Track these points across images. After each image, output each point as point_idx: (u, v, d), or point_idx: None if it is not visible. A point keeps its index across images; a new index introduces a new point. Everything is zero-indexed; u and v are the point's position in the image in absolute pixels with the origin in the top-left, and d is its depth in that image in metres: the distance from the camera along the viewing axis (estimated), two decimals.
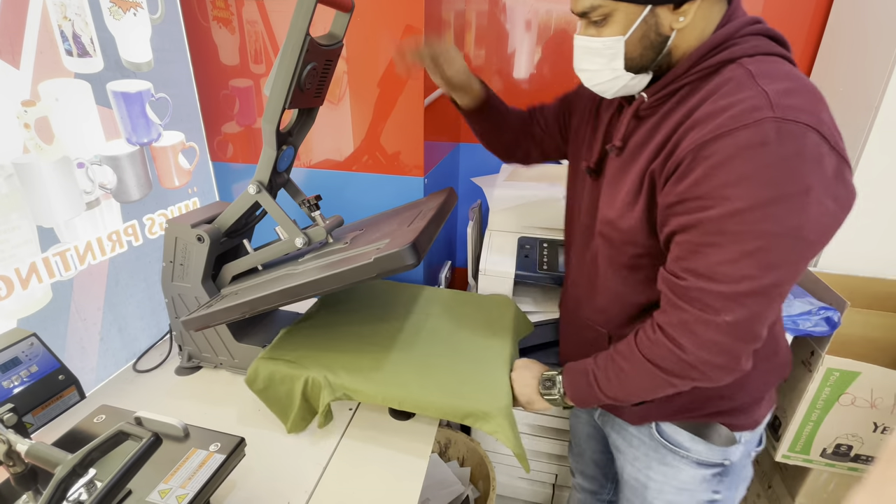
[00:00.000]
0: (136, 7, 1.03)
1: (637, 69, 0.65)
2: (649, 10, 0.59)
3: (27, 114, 0.83)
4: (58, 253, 0.91)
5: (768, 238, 0.54)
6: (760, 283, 0.55)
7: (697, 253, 0.58)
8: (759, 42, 0.60)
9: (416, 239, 0.72)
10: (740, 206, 0.54)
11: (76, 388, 0.76)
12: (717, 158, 0.55)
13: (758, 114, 0.53)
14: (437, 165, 1.48)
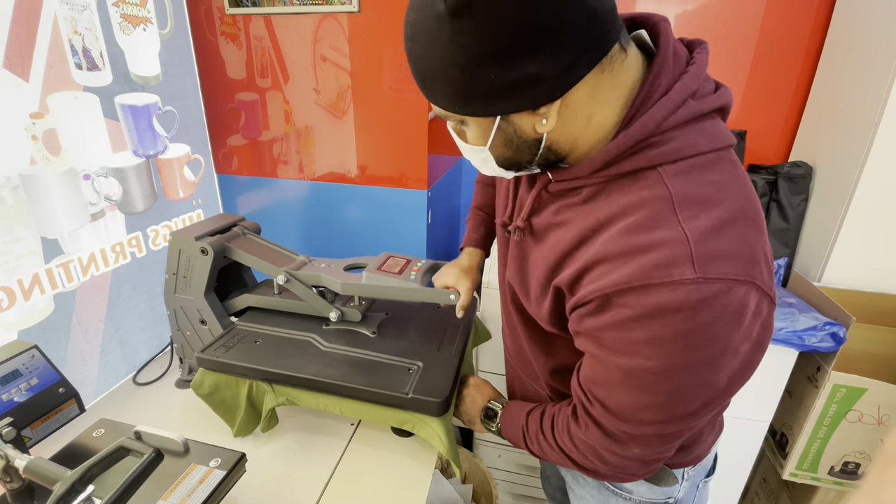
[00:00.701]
0: (145, 22, 1.04)
1: (517, 167, 0.57)
2: (501, 119, 0.50)
3: (35, 126, 0.84)
4: (61, 264, 0.91)
5: (678, 392, 0.51)
6: (669, 427, 0.54)
7: (606, 386, 0.55)
8: (684, 140, 0.48)
9: (448, 395, 0.77)
10: (650, 365, 0.49)
11: (76, 401, 0.75)
12: (628, 314, 0.49)
13: (676, 272, 0.45)
14: (441, 179, 1.49)
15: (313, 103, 1.28)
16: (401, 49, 1.17)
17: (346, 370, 0.83)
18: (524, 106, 0.48)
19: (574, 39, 0.44)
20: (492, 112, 0.49)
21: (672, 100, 0.48)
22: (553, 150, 0.53)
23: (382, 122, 1.26)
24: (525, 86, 0.46)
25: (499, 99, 0.47)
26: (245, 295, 0.99)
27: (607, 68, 0.48)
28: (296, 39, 1.22)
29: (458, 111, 0.50)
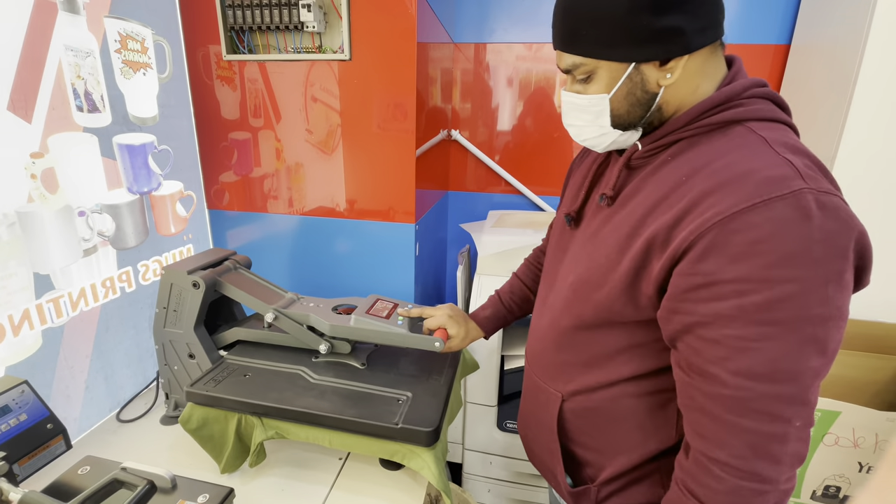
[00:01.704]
0: (146, 67, 1.10)
1: (625, 126, 0.61)
2: (633, 68, 0.56)
3: (35, 165, 0.87)
4: (52, 300, 0.91)
5: (825, 322, 0.47)
6: (820, 372, 0.49)
7: (747, 350, 0.49)
8: (764, 106, 0.57)
9: (439, 423, 0.78)
10: (791, 289, 0.46)
11: (63, 437, 0.75)
12: (755, 234, 0.47)
13: (792, 183, 0.47)
14: (428, 212, 1.54)
15: (304, 141, 1.33)
16: (390, 91, 1.25)
17: (336, 402, 0.84)
18: (659, 55, 0.55)
19: (710, 9, 0.55)
20: (632, 57, 0.56)
21: (753, 79, 0.58)
22: (661, 110, 0.60)
23: (371, 159, 1.31)
24: (667, 36, 0.54)
25: (642, 44, 0.55)
26: (235, 328, 1.01)
27: (715, 51, 0.58)
28: (288, 82, 1.29)
29: (599, 55, 0.57)
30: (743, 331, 0.49)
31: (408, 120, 1.25)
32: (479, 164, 1.94)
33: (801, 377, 0.48)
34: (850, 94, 1.23)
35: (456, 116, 1.92)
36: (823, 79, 1.37)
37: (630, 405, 0.67)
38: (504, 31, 1.78)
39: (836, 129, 1.27)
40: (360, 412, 0.81)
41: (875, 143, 1.24)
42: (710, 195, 0.51)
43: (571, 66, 0.60)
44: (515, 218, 1.68)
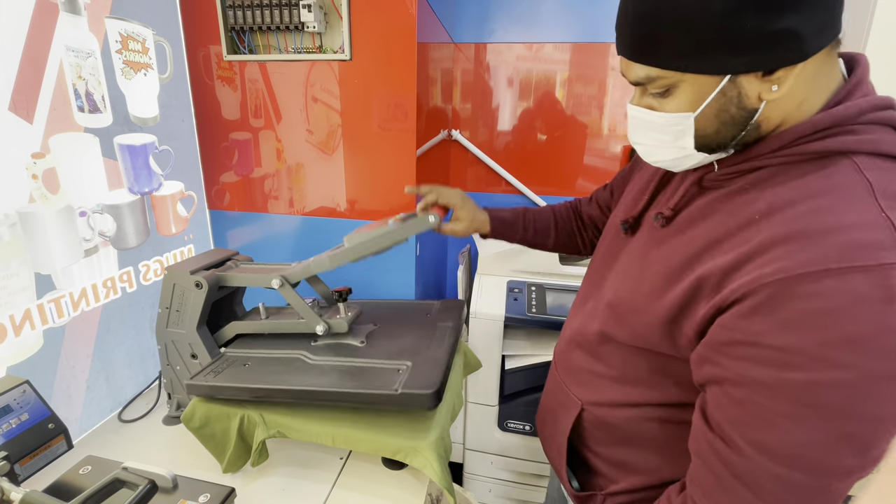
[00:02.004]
0: (147, 68, 1.10)
1: (712, 147, 0.50)
2: (728, 81, 0.45)
3: (36, 165, 0.87)
4: (52, 300, 0.92)
5: (875, 422, 0.40)
6: (851, 474, 0.42)
7: (771, 424, 0.43)
8: (885, 136, 0.45)
9: (440, 385, 0.76)
10: (845, 377, 0.39)
11: (65, 437, 0.75)
12: (818, 304, 0.40)
13: (883, 254, 0.39)
14: None
15: (304, 141, 1.33)
16: (388, 91, 1.25)
17: (334, 378, 0.82)
18: (765, 65, 0.44)
19: (826, 7, 0.43)
20: (728, 69, 0.44)
21: (875, 99, 0.46)
22: (760, 129, 0.49)
23: (372, 159, 1.31)
24: (776, 41, 0.42)
25: (743, 53, 0.43)
26: (233, 323, 1.00)
27: (832, 53, 0.46)
28: (289, 83, 1.29)
29: (684, 67, 0.45)
30: (773, 403, 0.42)
31: (408, 120, 1.25)
32: (480, 164, 1.94)
33: (824, 473, 0.42)
34: None
35: (456, 116, 1.92)
36: None
37: (652, 429, 0.63)
38: (504, 31, 1.79)
39: None
40: (359, 384, 0.79)
41: None
42: (781, 245, 0.43)
43: (645, 78, 0.49)
44: None
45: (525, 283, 1.35)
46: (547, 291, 1.33)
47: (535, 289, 1.33)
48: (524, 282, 1.36)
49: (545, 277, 1.38)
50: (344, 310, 0.98)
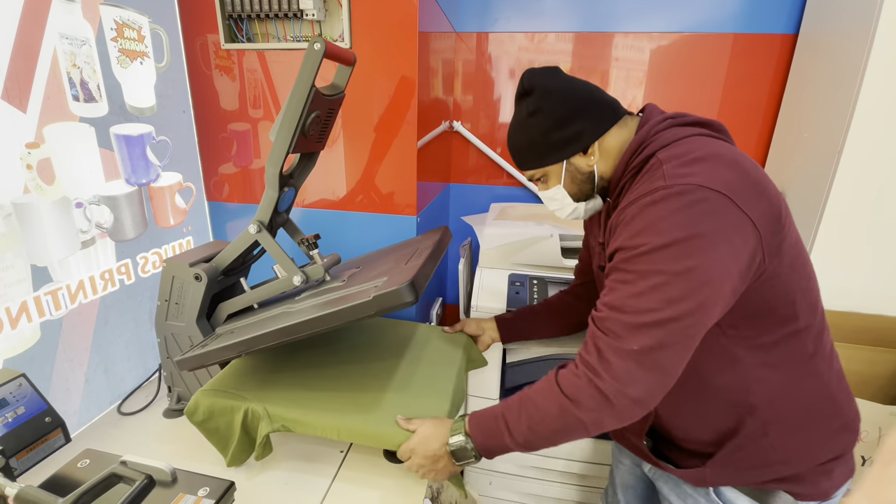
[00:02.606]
0: (143, 56, 1.08)
1: (584, 197, 0.83)
2: (567, 163, 0.79)
3: (30, 155, 0.85)
4: (49, 292, 0.91)
5: (667, 276, 0.62)
6: (660, 315, 0.62)
7: (614, 290, 0.67)
8: (669, 134, 0.72)
9: (414, 277, 0.73)
10: (644, 249, 0.64)
11: (62, 430, 0.74)
12: (626, 219, 0.68)
13: (654, 185, 0.66)
14: (429, 205, 1.53)
15: None
16: (389, 81, 1.23)
17: (313, 311, 0.80)
18: (577, 149, 0.77)
19: (595, 111, 0.77)
20: (560, 158, 0.79)
21: (656, 120, 0.75)
22: (603, 178, 0.80)
23: (372, 150, 1.30)
24: (575, 138, 0.77)
25: (563, 149, 0.78)
26: (220, 305, 1.00)
27: (623, 126, 0.78)
28: (288, 72, 1.27)
29: (541, 165, 0.81)
30: (615, 276, 0.68)
31: (409, 110, 1.24)
32: (481, 156, 1.92)
33: (640, 313, 0.63)
34: (858, 84, 1.21)
35: (457, 108, 1.90)
36: (831, 69, 1.35)
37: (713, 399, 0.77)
38: (507, 21, 1.76)
39: (843, 119, 1.25)
40: (335, 307, 0.76)
41: (883, 135, 1.22)
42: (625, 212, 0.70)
43: (531, 176, 0.84)
44: (518, 211, 1.66)
45: (526, 277, 1.34)
46: (549, 285, 1.31)
47: (537, 282, 1.32)
48: (525, 275, 1.35)
49: (547, 271, 1.36)
50: (319, 257, 0.97)
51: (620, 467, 1.07)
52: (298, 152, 0.94)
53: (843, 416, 0.76)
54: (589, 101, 0.77)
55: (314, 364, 0.99)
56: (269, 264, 0.97)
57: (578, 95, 0.77)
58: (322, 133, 0.94)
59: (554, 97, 0.77)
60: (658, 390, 0.65)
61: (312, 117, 0.85)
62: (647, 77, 1.72)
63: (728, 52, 1.64)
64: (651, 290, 0.63)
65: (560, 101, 0.76)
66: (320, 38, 0.79)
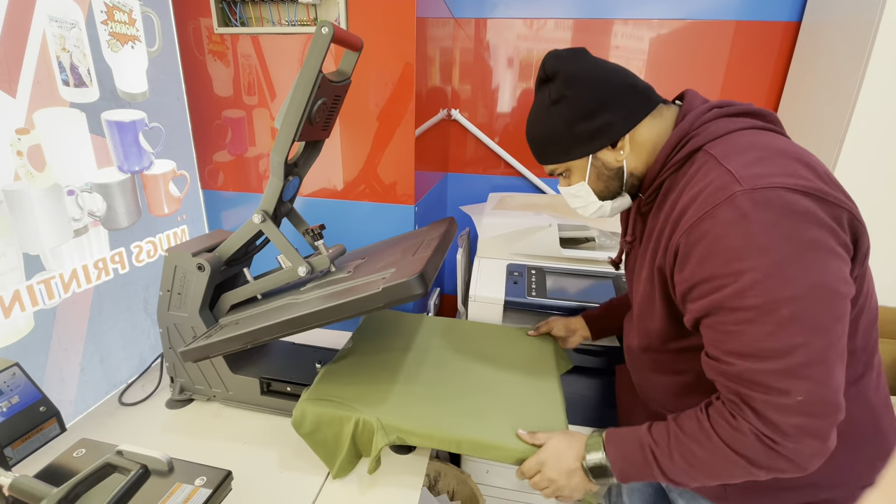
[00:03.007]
0: (134, 40, 1.05)
1: (611, 196, 0.76)
2: (592, 157, 0.72)
3: (20, 141, 0.84)
4: (42, 281, 0.89)
5: (797, 301, 0.52)
6: (812, 349, 0.52)
7: (734, 333, 0.56)
8: (718, 126, 0.64)
9: (423, 269, 0.72)
10: (754, 277, 0.53)
11: (57, 420, 0.73)
12: (710, 239, 0.56)
13: (727, 190, 0.56)
14: (427, 194, 1.51)
15: None
16: (386, 68, 1.21)
17: (319, 303, 0.78)
18: (605, 143, 0.70)
19: (626, 100, 0.69)
20: (586, 152, 0.72)
21: (700, 109, 0.67)
22: (634, 175, 0.73)
23: (370, 139, 1.28)
24: (603, 130, 0.69)
25: (589, 143, 0.71)
26: (223, 295, 0.98)
27: (658, 116, 0.71)
28: (283, 58, 1.24)
29: (564, 160, 0.74)
30: (726, 318, 0.57)
31: (407, 97, 1.22)
32: (480, 145, 1.91)
33: (786, 354, 0.53)
34: (861, 73, 1.20)
35: (456, 97, 1.88)
36: (834, 58, 1.33)
37: None
38: (506, 6, 1.73)
39: (846, 108, 1.24)
40: (342, 299, 0.75)
41: (886, 125, 1.21)
42: (680, 219, 0.62)
43: (553, 170, 0.78)
44: (516, 200, 1.65)
45: (525, 267, 1.33)
46: (547, 275, 1.31)
47: (536, 272, 1.31)
48: (524, 265, 1.34)
49: (545, 261, 1.36)
50: (324, 248, 0.95)
51: None
52: (304, 140, 0.93)
53: (884, 443, 0.68)
54: (619, 88, 0.69)
55: (407, 368, 0.97)
56: (272, 255, 0.96)
57: (608, 82, 0.68)
58: (328, 121, 0.92)
59: (580, 84, 0.68)
60: (833, 430, 0.55)
61: (319, 104, 0.83)
62: (646, 65, 1.70)
63: (730, 40, 1.62)
64: (786, 323, 0.52)
65: (587, 89, 0.68)
66: (328, 22, 0.76)
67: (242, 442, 0.93)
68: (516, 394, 0.91)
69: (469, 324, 1.21)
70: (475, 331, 1.16)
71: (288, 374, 0.99)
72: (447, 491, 1.49)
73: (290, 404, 0.90)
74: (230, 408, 1.02)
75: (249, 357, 1.05)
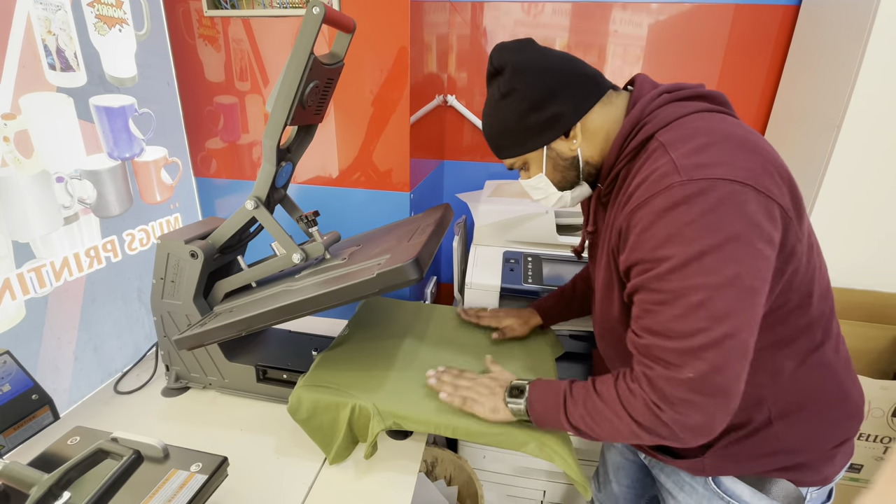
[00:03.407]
0: (121, 23, 1.03)
1: (569, 186, 0.76)
2: (547, 149, 0.72)
3: (7, 127, 0.82)
4: (33, 269, 0.88)
5: (709, 290, 0.55)
6: (712, 335, 0.55)
7: (650, 312, 0.60)
8: (668, 111, 0.65)
9: (418, 254, 0.72)
10: (674, 264, 0.56)
11: (50, 408, 0.73)
12: (643, 225, 0.60)
13: (666, 180, 0.58)
14: (423, 181, 1.50)
15: None
16: (380, 52, 1.18)
17: (314, 290, 0.78)
18: (558, 133, 0.70)
19: (575, 88, 0.69)
20: (540, 143, 0.72)
21: (650, 95, 0.67)
22: (590, 163, 0.73)
23: (364, 126, 1.26)
24: (555, 120, 0.69)
25: (541, 133, 0.71)
26: (218, 283, 0.98)
27: (608, 103, 0.71)
28: (275, 42, 1.22)
29: (520, 153, 0.74)
30: (646, 297, 0.61)
31: (402, 83, 1.20)
32: (476, 132, 1.89)
33: (688, 336, 0.56)
34: (859, 58, 1.19)
35: (452, 83, 1.85)
36: (833, 42, 1.32)
37: None
38: None
39: (843, 93, 1.23)
40: (337, 285, 0.75)
41: (883, 110, 1.20)
42: (626, 205, 0.64)
43: (510, 165, 0.77)
44: (513, 188, 1.64)
45: (521, 254, 1.33)
46: (543, 262, 1.30)
47: (532, 259, 1.31)
48: (520, 252, 1.34)
49: (541, 248, 1.35)
50: (318, 235, 0.95)
51: (612, 449, 1.07)
52: (296, 125, 0.91)
53: (851, 404, 0.72)
54: (567, 76, 0.69)
55: (403, 355, 0.97)
56: (266, 242, 0.95)
57: (555, 71, 0.69)
58: (321, 104, 0.91)
59: (527, 75, 0.68)
60: (722, 414, 0.59)
61: (311, 87, 0.81)
62: (645, 50, 1.68)
63: (728, 24, 1.60)
64: (694, 308, 0.56)
65: (534, 80, 0.68)
66: (320, 2, 0.74)
67: (239, 429, 0.93)
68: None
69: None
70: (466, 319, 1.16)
71: (284, 361, 0.99)
72: (444, 476, 1.50)
73: (287, 391, 0.90)
74: (226, 396, 1.02)
75: (245, 345, 1.04)
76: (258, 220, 0.91)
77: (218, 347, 0.96)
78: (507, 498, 1.55)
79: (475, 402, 0.78)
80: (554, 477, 1.46)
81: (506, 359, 0.98)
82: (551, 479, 1.47)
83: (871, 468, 1.42)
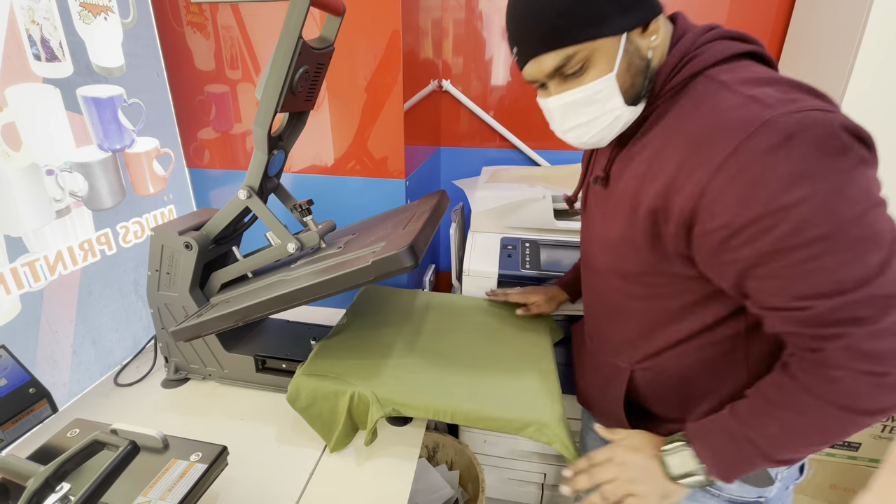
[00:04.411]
0: (106, 11, 1.01)
1: (635, 99, 0.60)
2: (626, 38, 0.56)
3: None
4: (26, 263, 0.88)
5: (861, 219, 0.47)
6: (888, 253, 0.47)
7: (800, 275, 0.49)
8: (719, 47, 0.58)
9: (413, 241, 0.71)
10: (810, 207, 0.47)
11: (48, 401, 0.73)
12: (750, 174, 0.49)
13: (758, 117, 0.49)
14: (419, 169, 1.49)
15: None
16: (373, 37, 1.16)
17: (310, 279, 0.78)
18: (645, 18, 0.56)
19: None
20: (623, 27, 0.56)
21: (700, 29, 0.60)
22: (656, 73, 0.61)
23: (358, 112, 1.25)
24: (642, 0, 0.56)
25: (628, 11, 0.55)
26: (213, 274, 0.97)
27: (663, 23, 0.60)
28: (266, 29, 1.20)
29: (592, 36, 0.55)
30: (786, 259, 0.49)
31: (395, 67, 1.18)
32: (473, 117, 1.87)
33: (871, 277, 0.47)
34: (857, 42, 1.17)
35: (447, 69, 1.83)
36: (830, 27, 1.30)
37: (698, 359, 0.68)
38: None
39: (841, 77, 1.22)
40: (333, 273, 0.74)
41: (881, 93, 1.19)
42: (690, 159, 0.53)
43: (561, 62, 0.57)
44: (510, 173, 1.62)
45: (519, 240, 1.32)
46: (541, 247, 1.30)
47: (529, 245, 1.30)
48: (518, 238, 1.33)
49: (539, 234, 1.35)
50: (313, 223, 0.94)
51: (591, 434, 1.05)
52: (287, 111, 0.90)
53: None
54: None
55: (402, 342, 0.97)
56: (262, 232, 0.94)
57: None
58: (311, 90, 0.89)
59: None
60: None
61: (301, 72, 0.80)
62: None
63: (725, 12, 1.56)
64: (858, 243, 0.47)
65: None
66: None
67: (239, 419, 0.93)
68: (510, 364, 0.91)
69: (463, 298, 1.20)
70: (469, 304, 1.16)
71: (283, 351, 0.99)
72: (445, 461, 1.52)
73: (286, 381, 0.90)
74: (226, 386, 1.02)
75: (244, 335, 1.04)
76: (252, 210, 0.90)
77: (216, 338, 0.96)
78: (508, 481, 1.57)
79: (638, 498, 0.62)
80: (554, 460, 1.47)
81: (504, 344, 0.98)
82: (551, 461, 1.49)
83: (869, 447, 1.43)
